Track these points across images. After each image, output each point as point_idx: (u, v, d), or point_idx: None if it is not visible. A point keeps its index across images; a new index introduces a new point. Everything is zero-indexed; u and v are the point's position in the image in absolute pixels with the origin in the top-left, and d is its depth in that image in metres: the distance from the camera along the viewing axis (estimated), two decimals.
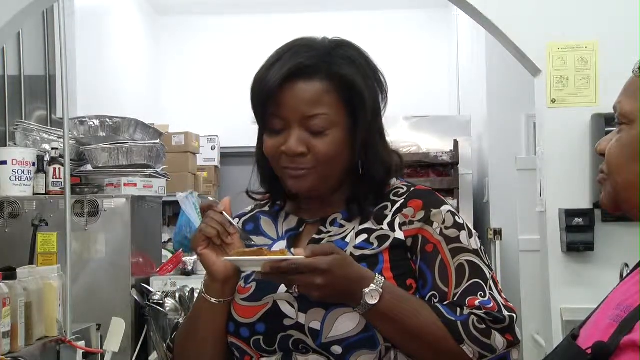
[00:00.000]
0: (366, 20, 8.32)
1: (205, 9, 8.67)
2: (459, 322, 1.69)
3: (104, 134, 4.42)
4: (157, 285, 4.21)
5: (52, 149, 4.23)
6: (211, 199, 1.80)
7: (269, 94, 1.78)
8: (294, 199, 1.93)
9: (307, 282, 1.63)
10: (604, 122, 4.00)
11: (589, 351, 1.28)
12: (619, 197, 1.40)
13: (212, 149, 8.10)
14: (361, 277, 1.67)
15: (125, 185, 4.25)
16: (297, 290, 1.71)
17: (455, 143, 6.85)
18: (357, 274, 1.67)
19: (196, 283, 4.13)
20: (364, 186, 1.85)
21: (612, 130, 1.46)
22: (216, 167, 8.17)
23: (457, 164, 6.84)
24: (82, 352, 3.18)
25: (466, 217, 6.62)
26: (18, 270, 2.97)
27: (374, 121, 1.85)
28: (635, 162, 1.36)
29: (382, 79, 1.88)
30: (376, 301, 1.65)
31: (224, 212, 1.82)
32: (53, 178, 4.17)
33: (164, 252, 5.03)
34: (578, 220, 4.19)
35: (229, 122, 8.19)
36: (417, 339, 1.69)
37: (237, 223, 1.86)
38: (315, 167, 1.78)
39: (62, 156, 3.76)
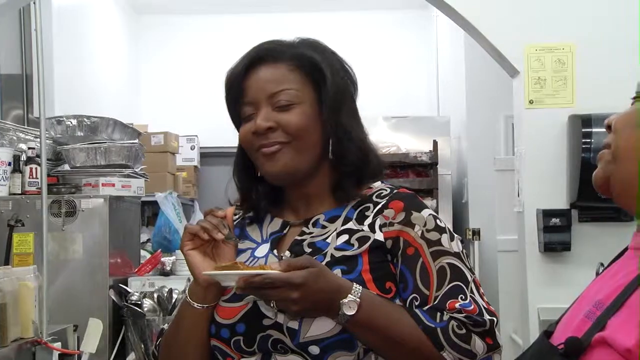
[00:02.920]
0: (345, 21, 8.32)
1: (186, 8, 8.67)
2: (438, 329, 1.69)
3: (82, 134, 4.39)
4: (135, 286, 4.19)
5: (29, 148, 4.19)
6: (220, 209, 1.78)
7: (235, 83, 1.83)
8: (276, 200, 1.93)
9: (283, 297, 1.63)
10: (580, 123, 4.02)
11: (561, 347, 1.29)
12: (616, 164, 1.41)
13: (191, 148, 8.08)
14: (338, 288, 1.67)
15: (103, 185, 4.22)
16: (274, 305, 1.71)
17: (435, 143, 6.86)
18: (334, 285, 1.67)
19: (175, 284, 4.13)
20: (342, 170, 1.85)
21: (589, 132, 1.47)
22: (196, 167, 8.16)
23: (436, 164, 6.86)
24: (59, 354, 3.16)
25: (445, 218, 6.69)
26: None
27: (340, 100, 1.86)
28: None
29: (349, 68, 1.91)
30: (354, 312, 1.65)
31: (223, 218, 1.83)
32: (30, 178, 4.13)
33: (143, 253, 5.02)
34: (555, 221, 4.21)
35: (208, 122, 8.12)
36: (396, 346, 1.70)
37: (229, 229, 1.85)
38: (288, 142, 1.80)
39: (38, 156, 3.74)
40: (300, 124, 1.80)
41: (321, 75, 1.84)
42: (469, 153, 6.67)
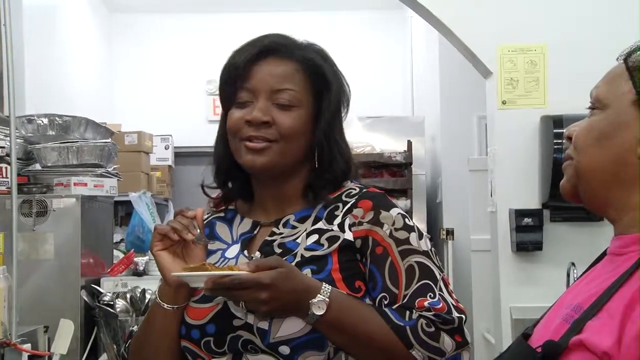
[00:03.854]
0: (320, 21, 8.33)
1: (159, 7, 8.66)
2: (407, 328, 1.69)
3: (54, 133, 4.37)
4: (108, 286, 4.17)
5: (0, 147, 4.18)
6: (189, 210, 1.77)
7: (241, 68, 1.82)
8: (247, 198, 1.94)
9: (252, 297, 1.63)
10: (552, 124, 4.06)
11: (539, 350, 1.29)
12: (580, 181, 1.41)
13: (165, 148, 8.06)
14: (307, 288, 1.67)
15: (75, 184, 4.19)
16: (244, 306, 1.72)
17: (409, 144, 6.88)
18: (303, 285, 1.67)
19: (148, 284, 4.11)
20: (322, 177, 1.86)
21: (561, 133, 1.48)
22: (170, 166, 8.14)
23: (411, 164, 6.87)
24: (28, 355, 3.14)
25: (419, 217, 6.72)
26: None
27: (337, 114, 1.89)
28: (602, 144, 1.37)
29: (346, 85, 1.93)
30: (323, 312, 1.66)
31: (193, 219, 1.83)
32: (1, 177, 4.10)
33: (116, 253, 5.00)
34: (527, 220, 4.24)
35: (182, 121, 8.19)
36: (366, 346, 1.71)
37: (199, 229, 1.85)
38: (277, 141, 1.80)
39: (8, 155, 3.71)
40: (294, 126, 1.81)
41: (325, 85, 1.86)
42: (443, 153, 6.69)
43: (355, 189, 1.87)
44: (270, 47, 1.84)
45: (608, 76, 1.41)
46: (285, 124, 1.80)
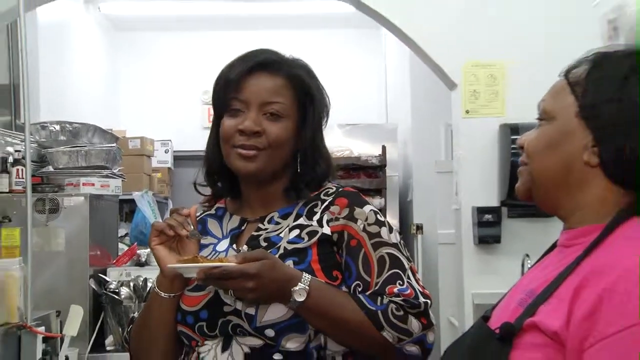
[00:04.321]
0: (304, 38, 8.28)
1: (160, 26, 8.63)
2: (379, 312, 1.70)
3: (64, 138, 4.36)
4: (113, 276, 4.16)
5: (16, 151, 4.16)
6: (184, 208, 1.78)
7: (235, 80, 1.81)
8: (235, 197, 1.93)
9: (239, 287, 1.64)
10: (509, 131, 4.08)
11: (498, 331, 1.30)
12: (534, 184, 1.41)
13: (165, 152, 8.02)
14: (289, 277, 1.68)
15: (83, 184, 4.20)
16: (232, 294, 1.72)
17: (383, 148, 6.87)
18: (286, 275, 1.68)
19: (149, 273, 4.10)
20: (303, 180, 1.86)
21: (517, 139, 1.48)
22: (169, 168, 8.10)
23: (385, 166, 6.86)
24: (42, 337, 3.13)
25: (392, 214, 6.70)
26: None
27: (319, 124, 1.89)
28: (551, 152, 1.38)
29: (327, 97, 1.92)
30: (304, 298, 1.66)
31: (187, 216, 1.83)
32: (16, 178, 4.09)
33: (121, 246, 4.98)
34: (488, 217, 4.25)
35: (181, 127, 8.15)
36: (343, 328, 1.71)
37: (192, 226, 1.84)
38: (266, 149, 1.79)
39: (24, 158, 3.70)
40: (282, 136, 1.80)
41: (309, 99, 1.86)
42: (414, 157, 6.68)
43: (332, 188, 1.88)
44: (262, 63, 1.83)
45: (552, 90, 1.42)
46: (274, 133, 1.80)
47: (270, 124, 1.80)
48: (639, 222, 1.30)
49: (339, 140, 6.85)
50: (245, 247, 1.81)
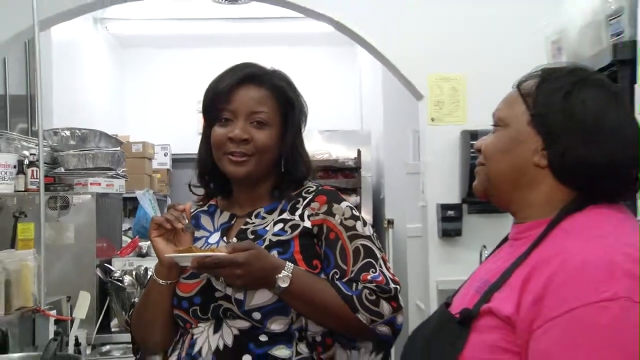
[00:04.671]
0: (288, 54, 8.23)
1: (159, 43, 8.61)
2: (354, 296, 1.70)
3: (74, 143, 4.36)
4: (118, 265, 4.15)
5: (31, 154, 4.16)
6: (180, 204, 1.80)
7: (225, 91, 1.80)
8: (225, 195, 1.92)
9: (229, 274, 1.64)
10: (469, 137, 4.10)
11: (458, 316, 1.30)
12: (489, 184, 1.42)
13: (164, 155, 7.99)
14: (274, 266, 1.68)
15: (91, 184, 4.19)
16: (223, 281, 1.72)
17: (358, 152, 6.87)
18: (271, 263, 1.68)
19: (150, 263, 4.08)
20: (287, 180, 1.86)
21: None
22: (168, 169, 8.07)
23: (360, 168, 6.85)
24: (54, 320, 3.12)
25: (367, 210, 6.69)
26: None
27: (299, 130, 1.88)
28: (505, 155, 1.38)
29: (305, 105, 1.91)
30: (287, 284, 1.67)
31: (183, 211, 1.82)
32: (31, 178, 4.09)
33: (124, 238, 4.96)
34: (450, 213, 4.27)
35: (179, 133, 8.10)
36: (322, 311, 1.71)
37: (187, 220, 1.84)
38: (254, 155, 1.79)
39: (38, 160, 3.68)
40: (267, 142, 1.80)
41: (290, 108, 1.85)
42: (385, 159, 6.68)
43: (312, 187, 1.88)
44: (248, 76, 1.83)
45: (506, 100, 1.43)
46: (260, 140, 1.79)
47: (257, 131, 1.79)
48: (578, 217, 1.30)
49: (319, 144, 6.84)
50: (234, 239, 1.81)
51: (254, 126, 1.80)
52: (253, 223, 1.83)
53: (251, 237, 1.79)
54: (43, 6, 3.44)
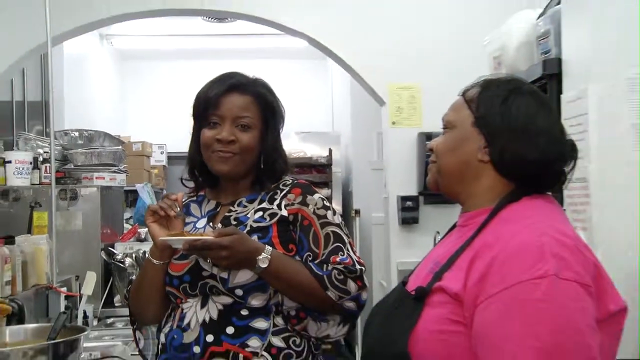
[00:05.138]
0: (271, 66, 8.13)
1: (157, 56, 8.56)
2: (324, 276, 1.71)
3: (82, 142, 4.36)
4: (120, 249, 4.13)
5: (44, 152, 4.17)
6: (173, 194, 1.81)
7: (214, 99, 1.79)
8: (212, 187, 1.91)
9: (215, 255, 1.64)
10: (425, 138, 4.10)
11: (413, 293, 1.30)
12: (440, 177, 1.42)
13: (161, 153, 7.92)
14: (255, 248, 1.67)
15: (96, 178, 4.20)
16: (209, 261, 1.71)
17: (330, 151, 6.88)
18: (253, 246, 1.67)
19: (148, 247, 4.03)
20: (266, 174, 1.84)
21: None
22: (164, 166, 7.99)
23: (331, 165, 6.86)
24: (64, 296, 3.12)
25: (337, 201, 6.69)
26: (16, 238, 2.92)
27: (278, 131, 1.87)
28: (453, 152, 1.38)
29: (283, 109, 1.90)
30: (266, 265, 1.66)
31: (175, 200, 1.82)
32: (44, 173, 4.11)
33: (126, 226, 4.93)
34: (409, 203, 4.27)
35: (173, 134, 7.99)
36: (296, 289, 1.71)
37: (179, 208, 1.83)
38: (238, 154, 1.78)
39: (50, 157, 3.66)
40: (250, 143, 1.79)
41: (270, 112, 1.84)
42: (353, 157, 6.69)
43: (289, 181, 1.87)
44: (234, 85, 1.81)
45: (453, 106, 1.43)
46: (245, 141, 1.78)
47: (241, 133, 1.79)
48: (515, 207, 1.31)
49: (296, 144, 6.84)
50: (219, 225, 1.80)
51: (239, 129, 1.79)
52: (236, 211, 1.82)
53: (234, 223, 1.78)
54: (55, 24, 3.44)
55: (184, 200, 1.92)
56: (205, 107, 1.81)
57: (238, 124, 1.79)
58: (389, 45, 4.35)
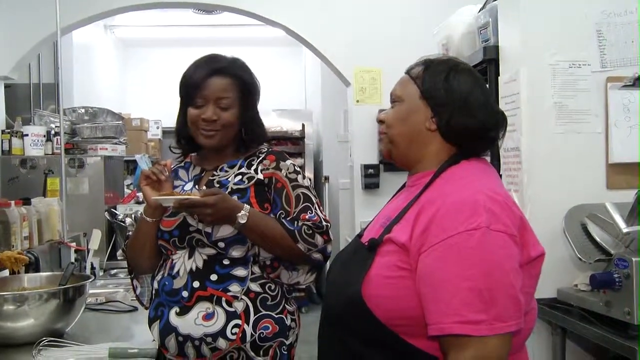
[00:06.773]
0: (253, 52, 8.04)
1: (154, 44, 8.43)
2: (295, 230, 1.71)
3: (88, 118, 4.33)
4: (121, 210, 4.11)
5: (56, 126, 4.14)
6: (163, 161, 1.80)
7: (198, 82, 1.76)
8: (197, 153, 1.90)
9: (201, 213, 1.63)
10: None
11: (367, 244, 1.31)
12: (392, 146, 1.40)
13: (157, 128, 7.82)
14: (236, 207, 1.66)
15: (100, 149, 4.16)
16: (196, 218, 1.70)
17: (303, 125, 6.85)
18: (233, 205, 1.66)
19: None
20: (249, 139, 1.83)
21: None
22: (160, 139, 7.91)
23: (304, 138, 6.84)
24: (74, 249, 3.11)
25: (309, 170, 6.67)
26: (32, 200, 2.93)
27: (255, 107, 1.85)
28: (403, 123, 1.36)
29: (259, 86, 1.87)
30: (245, 221, 1.66)
31: (165, 166, 1.81)
32: (56, 144, 4.10)
33: (126, 190, 4.90)
34: (371, 171, 4.29)
35: (168, 111, 7.93)
36: (271, 242, 1.70)
37: (168, 173, 1.81)
38: (220, 130, 1.77)
39: (60, 131, 3.63)
40: (231, 120, 1.77)
41: (249, 92, 1.81)
42: (323, 131, 6.69)
43: (265, 149, 1.86)
44: (216, 69, 1.79)
45: (399, 82, 1.42)
46: (226, 119, 1.76)
47: (223, 112, 1.76)
48: (455, 169, 1.32)
49: (273, 120, 6.79)
50: (204, 187, 1.79)
51: (221, 108, 1.77)
52: (218, 175, 1.81)
53: (217, 185, 1.77)
54: (64, 15, 3.48)
55: (172, 166, 1.91)
56: (191, 89, 1.78)
57: (219, 104, 1.76)
58: (355, 35, 4.36)
